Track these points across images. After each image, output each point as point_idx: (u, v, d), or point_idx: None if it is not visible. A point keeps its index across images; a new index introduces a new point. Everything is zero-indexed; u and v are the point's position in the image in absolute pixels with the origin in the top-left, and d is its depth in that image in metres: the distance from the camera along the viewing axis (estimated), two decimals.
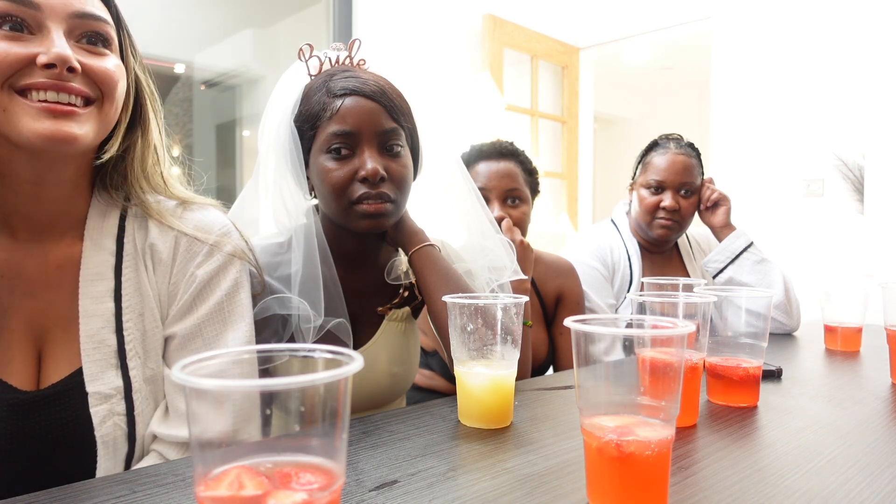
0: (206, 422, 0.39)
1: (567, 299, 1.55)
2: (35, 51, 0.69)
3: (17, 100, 0.69)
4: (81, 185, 0.81)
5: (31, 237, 0.78)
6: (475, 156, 1.51)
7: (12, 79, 0.69)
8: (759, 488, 0.63)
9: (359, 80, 0.97)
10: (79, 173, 0.79)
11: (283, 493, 0.39)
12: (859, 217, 2.94)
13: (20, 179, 0.74)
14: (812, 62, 3.07)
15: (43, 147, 0.70)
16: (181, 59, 4.22)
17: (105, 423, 0.76)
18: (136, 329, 0.80)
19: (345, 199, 0.96)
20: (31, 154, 0.72)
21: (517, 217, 1.46)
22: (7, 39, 0.69)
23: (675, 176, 1.68)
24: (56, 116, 0.70)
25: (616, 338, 0.56)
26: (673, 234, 1.71)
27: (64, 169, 0.77)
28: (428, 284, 1.00)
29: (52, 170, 0.75)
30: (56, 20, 0.71)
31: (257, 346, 0.45)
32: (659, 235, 1.70)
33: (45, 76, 0.69)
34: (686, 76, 6.09)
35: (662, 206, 1.67)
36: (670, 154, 1.70)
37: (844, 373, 1.18)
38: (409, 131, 1.03)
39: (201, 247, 0.85)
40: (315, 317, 0.96)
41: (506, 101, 3.66)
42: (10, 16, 0.69)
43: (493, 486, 0.63)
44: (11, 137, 0.70)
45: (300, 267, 0.98)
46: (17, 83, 0.69)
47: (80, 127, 0.72)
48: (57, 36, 0.70)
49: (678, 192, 1.69)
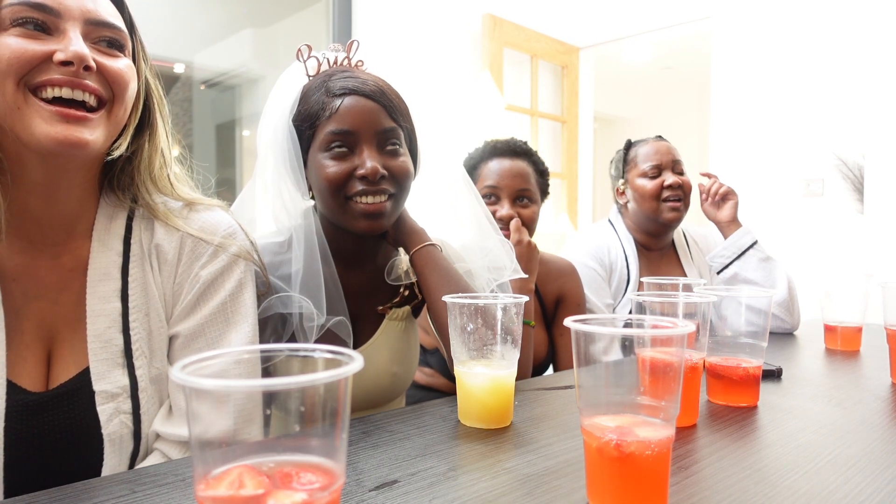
0: (207, 422, 0.39)
1: (568, 300, 1.55)
2: (52, 48, 0.71)
3: (31, 100, 0.71)
4: (91, 188, 0.82)
5: (42, 240, 0.79)
6: (489, 152, 1.50)
7: (28, 76, 0.70)
8: (759, 488, 0.63)
9: (358, 79, 0.97)
10: (89, 176, 0.81)
11: (283, 492, 0.39)
12: (859, 217, 2.95)
13: (34, 181, 0.76)
14: (812, 62, 3.06)
15: (54, 150, 0.71)
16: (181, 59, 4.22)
17: (111, 421, 0.77)
18: (142, 328, 0.81)
19: (341, 195, 0.96)
20: (43, 157, 0.73)
21: (527, 217, 1.46)
22: (25, 37, 0.70)
23: (667, 156, 1.73)
24: (68, 121, 0.71)
25: (616, 338, 0.56)
26: (681, 214, 1.72)
27: (75, 172, 0.78)
28: (429, 284, 1.00)
29: (64, 173, 0.77)
30: (73, 24, 0.73)
31: (258, 346, 0.45)
32: (669, 220, 1.71)
33: (60, 73, 0.71)
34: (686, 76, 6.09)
35: (667, 185, 1.70)
36: (652, 142, 1.77)
37: (844, 373, 1.18)
38: (408, 131, 1.03)
39: (206, 247, 0.85)
40: (318, 315, 0.96)
41: (506, 100, 3.66)
42: (30, 18, 0.71)
43: (493, 486, 0.63)
44: (22, 138, 0.71)
45: (301, 266, 0.98)
46: (33, 80, 0.70)
47: (90, 132, 0.73)
48: (74, 36, 0.72)
49: (674, 170, 1.73)
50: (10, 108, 0.70)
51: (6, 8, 0.70)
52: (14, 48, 0.69)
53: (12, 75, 0.69)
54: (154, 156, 0.84)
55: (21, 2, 0.70)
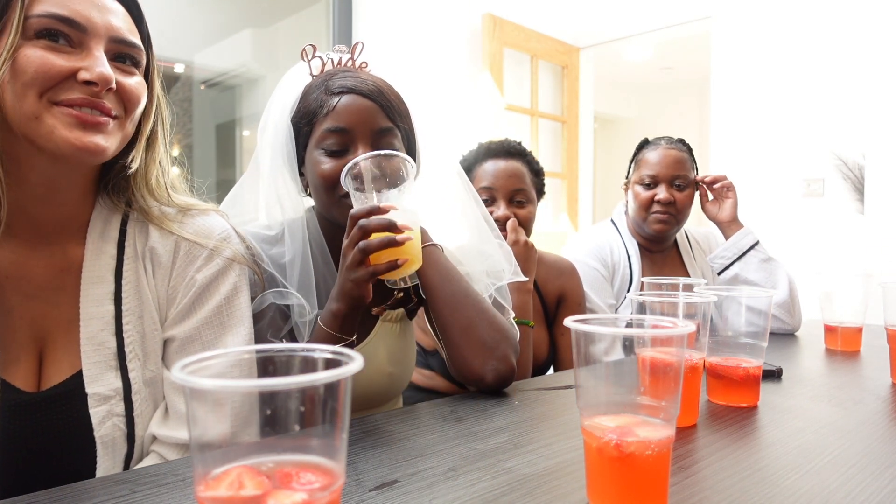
0: (206, 423, 0.39)
1: (568, 299, 1.55)
2: (77, 65, 0.72)
3: (53, 110, 0.71)
4: (88, 190, 0.82)
5: (37, 240, 0.79)
6: (483, 154, 1.50)
7: (51, 92, 0.71)
8: (759, 488, 0.63)
9: (357, 79, 0.98)
10: (88, 179, 0.81)
11: (283, 493, 0.39)
12: (859, 217, 2.95)
13: (33, 182, 0.76)
14: (812, 62, 3.06)
15: (72, 156, 0.72)
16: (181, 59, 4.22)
17: (104, 424, 0.77)
18: (135, 331, 0.81)
19: (335, 193, 0.96)
20: (54, 160, 0.74)
21: (523, 217, 1.46)
22: (51, 50, 0.71)
23: (667, 169, 1.69)
24: (86, 127, 0.72)
25: (616, 338, 0.56)
26: (670, 228, 1.70)
27: (78, 177, 0.79)
28: (431, 283, 1.00)
29: (68, 175, 0.77)
30: (98, 41, 0.74)
31: (257, 346, 0.44)
32: (656, 231, 1.70)
33: (82, 92, 0.72)
34: (686, 76, 6.10)
35: (657, 200, 1.68)
36: (661, 149, 1.72)
37: (844, 373, 1.18)
38: (406, 133, 1.03)
39: (201, 251, 0.85)
40: (309, 310, 0.96)
41: (506, 100, 3.66)
42: (57, 30, 0.71)
43: (493, 486, 0.63)
44: (39, 143, 0.72)
45: (293, 259, 0.98)
46: (55, 97, 0.71)
47: (106, 139, 0.74)
48: (99, 55, 0.73)
49: (672, 185, 1.69)
50: (28, 118, 0.71)
51: (34, 18, 0.70)
52: (40, 62, 0.70)
53: (36, 88, 0.70)
54: (152, 166, 0.85)
55: (50, 14, 0.71)
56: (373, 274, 0.86)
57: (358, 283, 0.87)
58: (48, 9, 0.71)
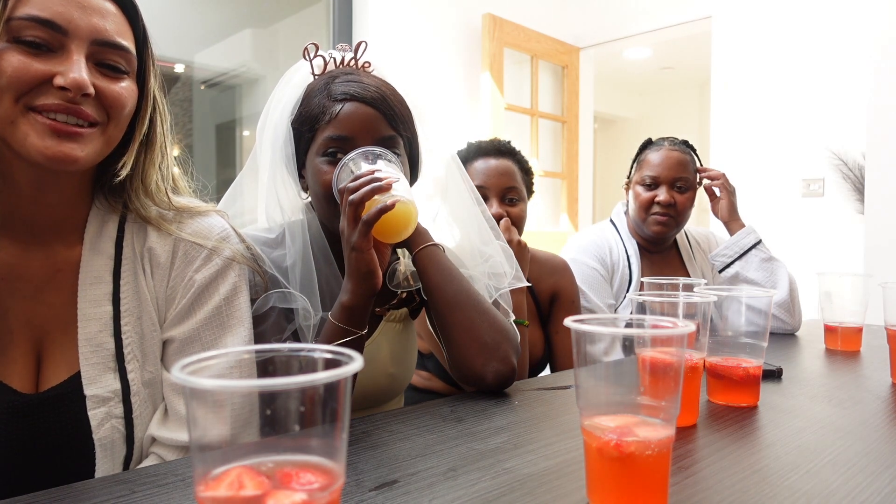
0: (206, 423, 0.39)
1: (561, 297, 1.55)
2: (54, 70, 0.70)
3: (28, 116, 0.70)
4: (82, 191, 0.81)
5: (32, 240, 0.78)
6: (473, 153, 1.51)
7: (27, 97, 0.70)
8: (759, 488, 0.63)
9: (360, 84, 0.97)
10: (80, 181, 0.80)
11: (283, 493, 0.39)
12: (859, 217, 2.94)
13: (21, 183, 0.75)
14: (812, 62, 3.06)
15: (44, 164, 0.71)
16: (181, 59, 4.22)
17: (103, 425, 0.76)
18: (134, 332, 0.81)
19: (335, 202, 0.95)
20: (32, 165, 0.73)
21: (515, 215, 1.46)
22: (28, 55, 0.70)
23: (668, 171, 1.69)
24: (60, 136, 0.71)
25: (616, 337, 0.56)
26: (669, 230, 1.70)
27: (66, 179, 0.78)
28: (432, 283, 1.00)
29: (53, 179, 0.76)
30: (79, 44, 0.72)
31: (257, 346, 0.44)
32: (655, 232, 1.70)
33: (58, 98, 0.70)
34: (686, 76, 6.10)
35: (657, 201, 1.68)
36: (664, 150, 1.72)
37: (844, 373, 1.18)
38: (408, 139, 1.02)
39: (200, 251, 0.85)
40: (313, 313, 0.96)
41: (506, 100, 3.66)
42: (37, 35, 0.70)
43: (493, 486, 0.63)
44: (14, 148, 0.71)
45: (294, 262, 0.98)
46: (31, 102, 0.70)
47: (82, 148, 0.72)
48: (77, 59, 0.71)
49: (672, 186, 1.69)
50: (5, 122, 0.70)
51: (16, 21, 0.69)
52: (16, 66, 0.69)
53: (11, 92, 0.69)
54: (150, 170, 0.83)
55: (30, 17, 0.69)
56: (366, 224, 0.84)
57: (360, 249, 0.86)
58: (30, 11, 0.69)
